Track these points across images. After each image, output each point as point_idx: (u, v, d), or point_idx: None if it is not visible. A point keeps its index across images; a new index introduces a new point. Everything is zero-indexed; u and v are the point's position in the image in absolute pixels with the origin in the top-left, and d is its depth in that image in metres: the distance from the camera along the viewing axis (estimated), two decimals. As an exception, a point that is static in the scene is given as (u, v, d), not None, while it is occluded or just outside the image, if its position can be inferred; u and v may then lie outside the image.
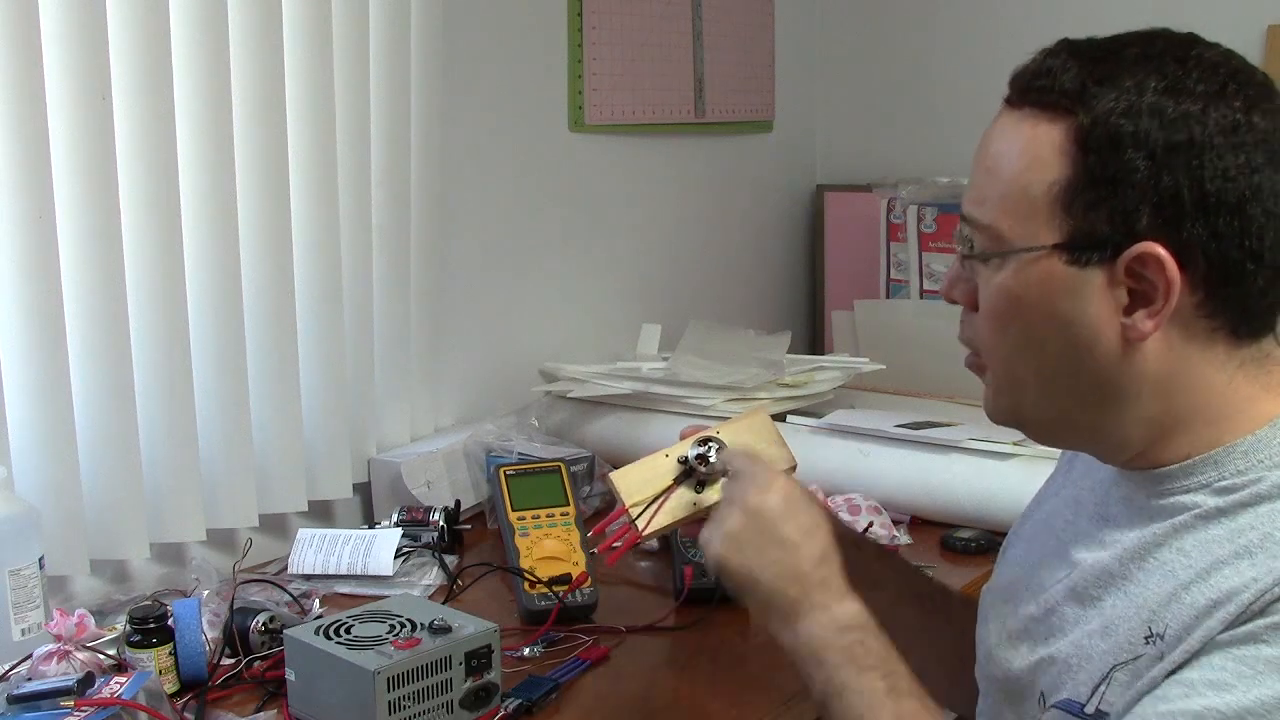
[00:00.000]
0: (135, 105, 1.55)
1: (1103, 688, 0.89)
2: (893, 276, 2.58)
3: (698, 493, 1.13)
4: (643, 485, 1.12)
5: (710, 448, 1.13)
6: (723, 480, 1.13)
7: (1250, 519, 0.86)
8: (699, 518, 1.13)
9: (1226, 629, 0.82)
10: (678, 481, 1.13)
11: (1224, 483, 0.89)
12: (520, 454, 1.89)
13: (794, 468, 1.18)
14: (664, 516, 1.12)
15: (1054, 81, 0.89)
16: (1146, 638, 0.87)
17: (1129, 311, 0.87)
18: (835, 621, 0.99)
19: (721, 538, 1.03)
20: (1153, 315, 0.87)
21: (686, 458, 1.13)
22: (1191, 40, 0.89)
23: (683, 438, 1.16)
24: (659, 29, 2.41)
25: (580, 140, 2.31)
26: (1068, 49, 0.90)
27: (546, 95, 2.25)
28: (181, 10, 1.59)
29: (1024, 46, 0.94)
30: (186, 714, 1.30)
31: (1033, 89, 0.90)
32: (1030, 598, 1.01)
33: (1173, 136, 0.84)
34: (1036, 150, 0.89)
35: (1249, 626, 0.81)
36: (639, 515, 1.11)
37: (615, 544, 1.17)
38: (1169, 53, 0.88)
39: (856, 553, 1.20)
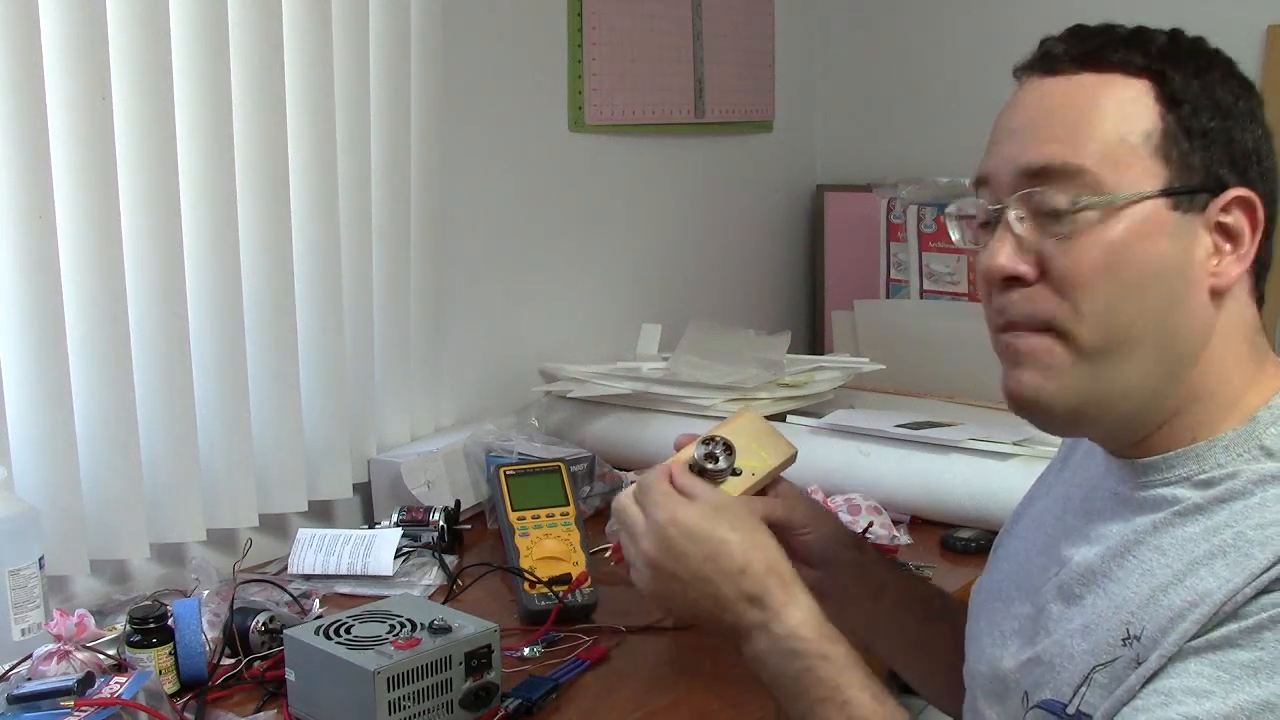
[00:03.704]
0: (135, 105, 1.55)
1: (1084, 689, 0.89)
2: (893, 276, 2.58)
3: None
4: None
5: (715, 446, 1.13)
6: (732, 479, 1.13)
7: (1225, 516, 0.87)
8: None
9: (1201, 632, 0.82)
10: None
11: (1203, 476, 0.90)
12: (520, 454, 1.89)
13: (794, 456, 1.18)
14: None
15: (1121, 46, 0.91)
16: (1124, 639, 0.87)
17: (1216, 260, 0.90)
18: (778, 645, 0.97)
19: (645, 579, 1.02)
20: (1240, 260, 0.90)
21: (692, 464, 1.13)
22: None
23: (677, 448, 1.15)
24: (659, 29, 2.41)
25: (580, 140, 2.31)
26: (1094, 28, 0.94)
27: (546, 95, 2.25)
28: (181, 10, 1.59)
29: (1024, 46, 0.95)
30: (186, 714, 1.30)
31: (1096, 50, 0.91)
32: (1023, 597, 1.01)
33: (1231, 102, 0.91)
34: (1125, 103, 0.90)
35: (1223, 631, 0.81)
36: None
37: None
38: (1179, 35, 0.94)
39: (859, 555, 1.20)
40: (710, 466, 1.12)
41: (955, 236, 1.02)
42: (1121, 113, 0.89)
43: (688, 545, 0.99)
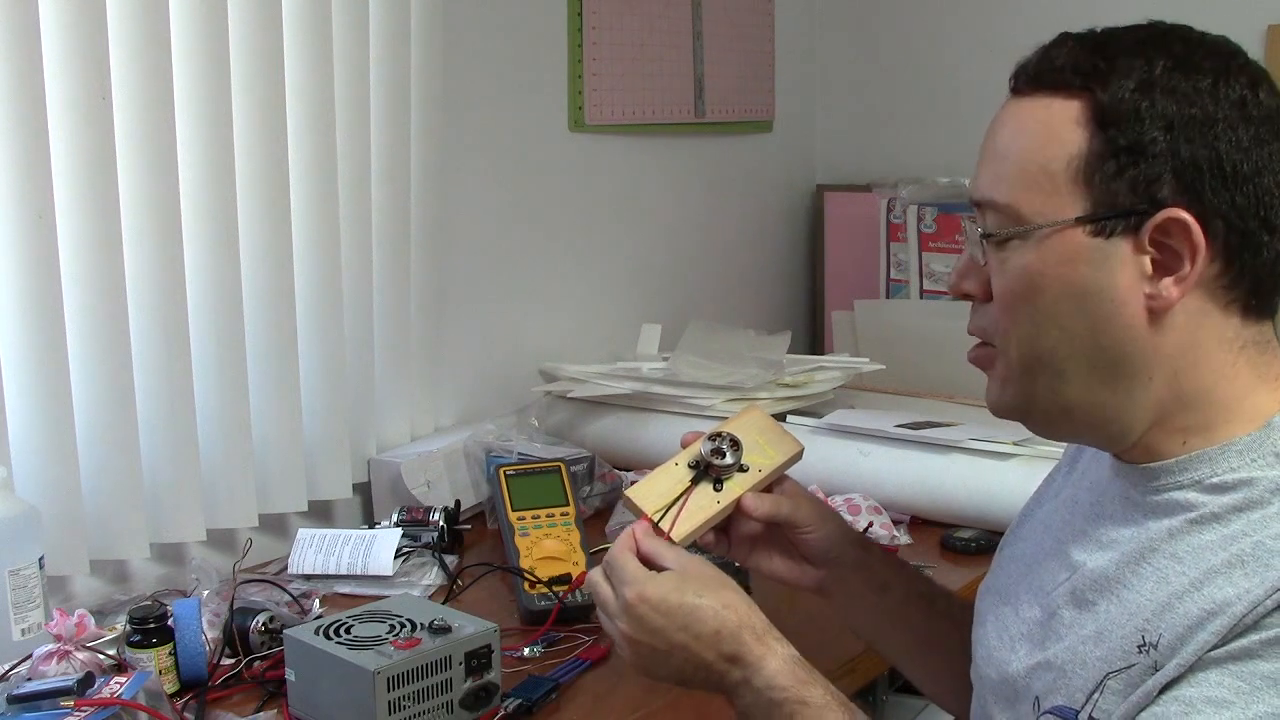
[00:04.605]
0: (135, 105, 1.55)
1: (1097, 695, 0.89)
2: (893, 276, 2.58)
3: (717, 491, 1.13)
4: (660, 495, 1.12)
5: (722, 442, 1.13)
6: (739, 475, 1.13)
7: (1243, 525, 0.86)
8: (726, 515, 1.14)
9: (1221, 643, 0.82)
10: (694, 482, 1.13)
11: (1215, 480, 0.89)
12: (520, 454, 1.89)
13: (800, 453, 1.18)
14: (691, 520, 1.11)
15: (1064, 63, 0.90)
16: (1139, 646, 0.87)
17: (1154, 281, 0.88)
18: (760, 698, 0.98)
19: (626, 654, 1.04)
20: (1179, 282, 0.87)
21: (698, 460, 1.13)
22: (1188, 27, 0.92)
23: (684, 445, 1.16)
24: (659, 29, 2.41)
25: (580, 140, 2.31)
26: (1072, 38, 0.92)
27: (546, 95, 2.25)
28: (181, 10, 1.59)
29: (1024, 45, 0.95)
30: (186, 714, 1.30)
31: (1043, 73, 0.91)
32: (1031, 600, 1.01)
33: (1187, 110, 0.86)
34: (1052, 127, 0.89)
35: (1244, 641, 0.81)
36: (661, 519, 1.10)
37: None
38: (1172, 35, 0.90)
39: (864, 554, 1.20)
40: (717, 462, 1.13)
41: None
42: (1047, 139, 0.89)
43: (660, 619, 1.00)
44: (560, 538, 1.60)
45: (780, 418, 2.03)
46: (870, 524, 1.76)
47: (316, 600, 1.54)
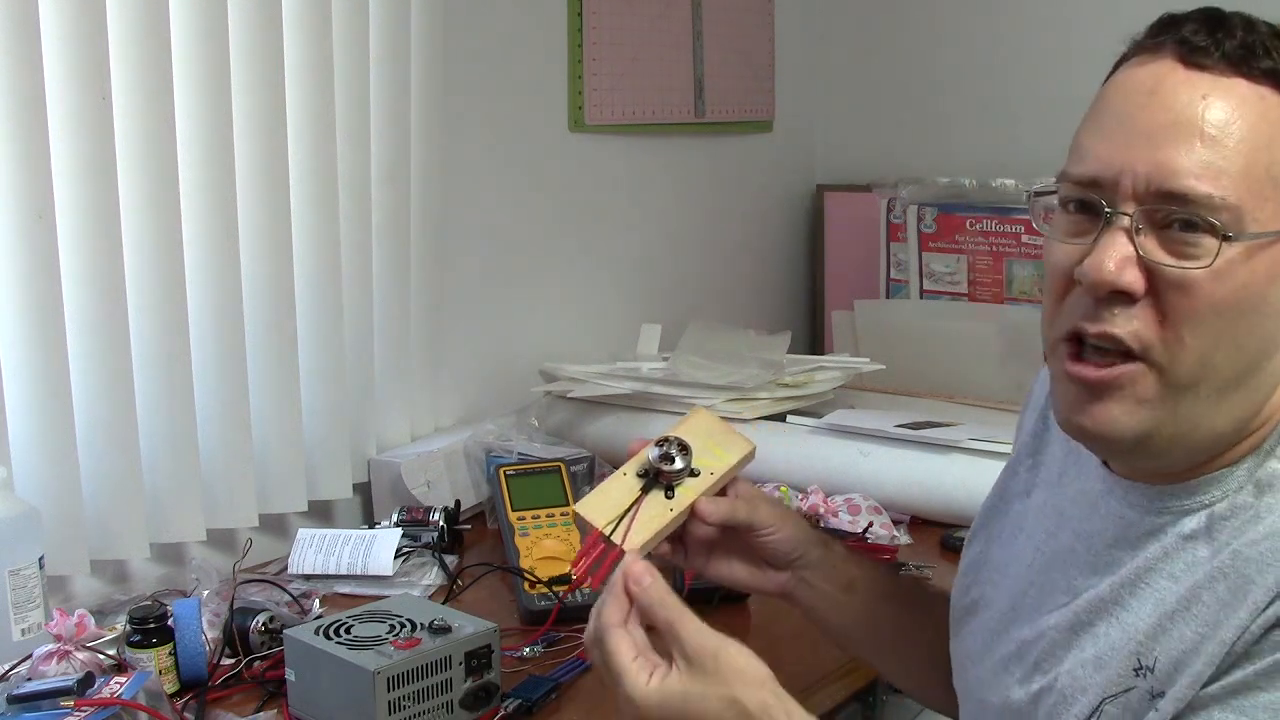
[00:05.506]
0: (135, 105, 1.55)
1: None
2: (893, 276, 2.58)
3: (669, 498, 1.08)
4: (610, 507, 1.06)
5: (670, 447, 1.08)
6: (690, 480, 1.07)
7: (1227, 535, 0.85)
8: (681, 523, 1.08)
9: (1217, 674, 0.81)
10: (645, 491, 1.07)
11: (1223, 504, 0.87)
12: (520, 454, 1.89)
13: (752, 452, 1.13)
14: (644, 530, 1.05)
15: (1277, 51, 0.83)
16: (1136, 669, 0.86)
17: None
18: None
19: None
20: None
21: (647, 467, 1.08)
22: None
23: (631, 454, 1.09)
24: (659, 29, 2.41)
25: (580, 140, 2.31)
26: (1264, 25, 0.85)
27: (546, 95, 2.25)
28: (181, 10, 1.59)
29: (1025, 45, 0.93)
30: (186, 714, 1.30)
31: (1248, 58, 0.83)
32: (1021, 620, 0.99)
33: None
34: (1275, 126, 0.82)
35: (1240, 674, 0.80)
36: (612, 532, 1.04)
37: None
38: None
39: (826, 553, 1.15)
40: (666, 468, 1.07)
41: (1036, 221, 0.92)
42: (1272, 138, 0.82)
43: (666, 716, 0.88)
44: (560, 538, 1.60)
45: (780, 418, 2.03)
46: (870, 524, 1.76)
47: (316, 600, 1.54)
